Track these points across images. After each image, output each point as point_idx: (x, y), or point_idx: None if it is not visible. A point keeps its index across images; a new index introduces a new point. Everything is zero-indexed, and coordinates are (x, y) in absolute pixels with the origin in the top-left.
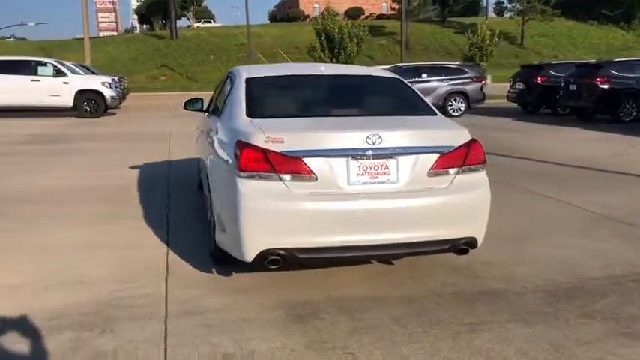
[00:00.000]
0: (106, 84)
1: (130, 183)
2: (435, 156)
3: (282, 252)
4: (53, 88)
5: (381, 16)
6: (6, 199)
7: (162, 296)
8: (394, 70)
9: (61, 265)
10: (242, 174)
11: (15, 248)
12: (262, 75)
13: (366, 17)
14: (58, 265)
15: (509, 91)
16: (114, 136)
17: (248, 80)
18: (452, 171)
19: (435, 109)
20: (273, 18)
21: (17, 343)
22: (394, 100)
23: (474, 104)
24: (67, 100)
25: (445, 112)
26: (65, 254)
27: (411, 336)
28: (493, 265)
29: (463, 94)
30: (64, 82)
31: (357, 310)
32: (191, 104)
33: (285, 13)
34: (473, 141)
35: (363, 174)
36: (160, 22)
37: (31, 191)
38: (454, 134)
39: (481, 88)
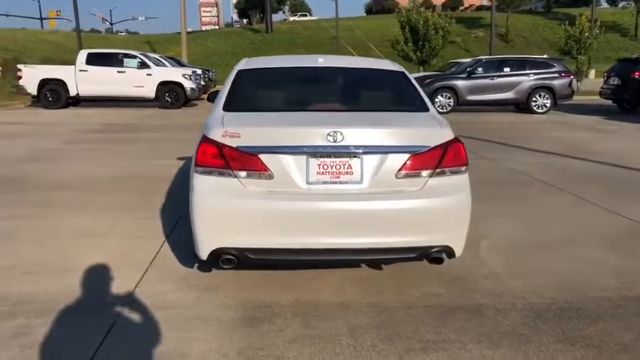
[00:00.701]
0: (187, 76)
1: (173, 174)
2: (405, 156)
3: (234, 252)
4: (137, 80)
5: (480, 8)
6: (48, 185)
7: (131, 288)
8: (473, 63)
9: (56, 252)
10: (198, 169)
11: (26, 233)
12: (254, 67)
13: (465, 9)
14: (53, 252)
15: (602, 87)
16: (181, 127)
17: (239, 72)
18: (425, 173)
19: (429, 105)
20: (369, 10)
21: None
22: (384, 95)
23: (561, 100)
24: (150, 91)
25: (528, 108)
26: (66, 242)
27: (355, 349)
28: (490, 278)
29: (549, 90)
30: (148, 74)
31: (316, 317)
32: (212, 97)
33: (381, 5)
34: (453, 141)
35: (323, 173)
36: (258, 15)
37: (75, 179)
38: (430, 133)
39: (569, 84)
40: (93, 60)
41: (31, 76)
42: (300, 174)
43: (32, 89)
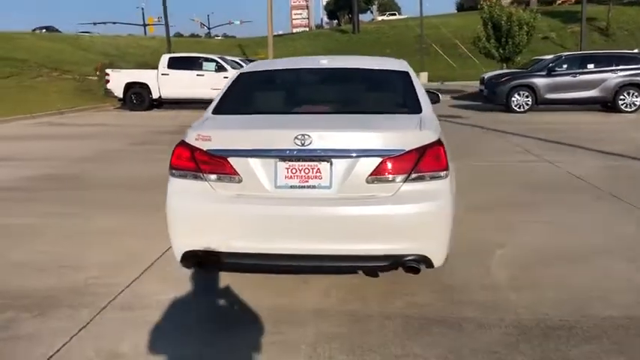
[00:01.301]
0: None
1: None
2: (377, 160)
3: (204, 255)
4: (215, 82)
5: (579, 1)
6: (97, 184)
7: (119, 287)
8: (554, 60)
9: (70, 250)
10: (172, 172)
11: (52, 231)
12: (254, 70)
13: (562, 2)
14: (68, 249)
15: None
16: None
17: (239, 75)
18: (398, 178)
19: (424, 107)
20: (461, 7)
21: None
22: (377, 97)
23: None
24: None
25: (616, 107)
26: (84, 240)
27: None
28: (488, 289)
29: (639, 87)
30: (225, 77)
31: (287, 323)
32: None
33: (473, 1)
34: (431, 144)
35: (291, 177)
36: (347, 16)
37: (126, 178)
38: (406, 136)
39: None
40: (174, 64)
41: (118, 80)
42: (269, 178)
43: (119, 92)
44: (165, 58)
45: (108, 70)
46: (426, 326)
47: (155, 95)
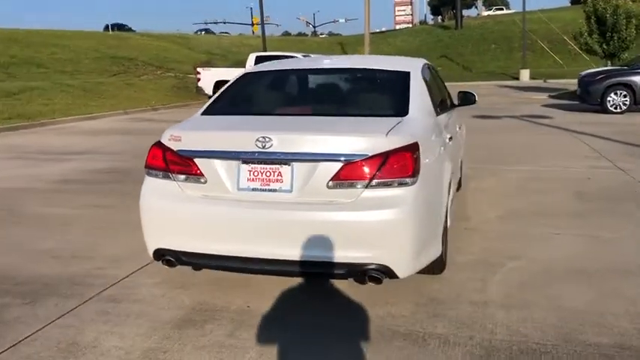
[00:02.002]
0: None
1: None
2: (338, 165)
3: (171, 254)
4: None
5: None
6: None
7: (116, 279)
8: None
9: (92, 241)
10: (147, 171)
11: (84, 222)
12: (258, 70)
13: None
14: (91, 240)
15: None
16: None
17: (243, 75)
18: (359, 184)
19: (413, 110)
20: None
21: None
22: (364, 98)
23: None
24: None
25: None
26: (111, 232)
27: None
28: (476, 305)
29: None
30: None
31: (248, 327)
32: None
33: None
34: (397, 150)
35: (253, 179)
36: (450, 12)
37: None
38: (371, 140)
39: None
40: (261, 62)
41: (208, 78)
42: (232, 180)
43: (209, 90)
44: (252, 57)
45: (199, 69)
46: (390, 340)
47: None
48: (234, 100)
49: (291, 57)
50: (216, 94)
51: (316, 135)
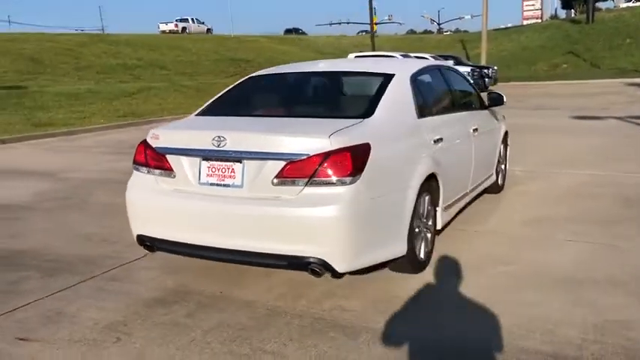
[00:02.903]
0: None
1: None
2: (282, 163)
3: (148, 240)
4: None
5: None
6: None
7: (124, 261)
8: None
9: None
10: (134, 166)
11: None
12: (261, 74)
13: None
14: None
15: None
16: None
17: (247, 79)
18: (300, 181)
19: (379, 111)
20: None
21: None
22: (335, 101)
23: None
24: None
25: None
26: None
27: (192, 344)
28: (436, 307)
29: None
30: None
31: (206, 311)
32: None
33: None
34: (337, 151)
35: (211, 175)
36: (582, 5)
37: None
38: (313, 141)
39: None
40: None
41: None
42: (194, 175)
43: None
44: (351, 57)
45: None
46: (325, 330)
47: None
48: (224, 103)
49: (390, 57)
50: (215, 97)
51: (265, 135)
